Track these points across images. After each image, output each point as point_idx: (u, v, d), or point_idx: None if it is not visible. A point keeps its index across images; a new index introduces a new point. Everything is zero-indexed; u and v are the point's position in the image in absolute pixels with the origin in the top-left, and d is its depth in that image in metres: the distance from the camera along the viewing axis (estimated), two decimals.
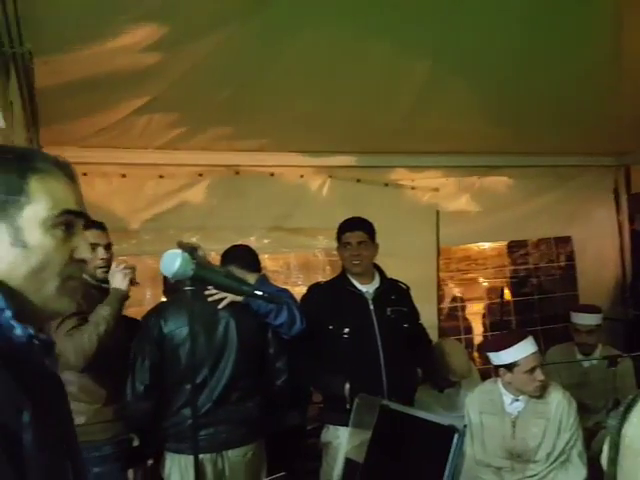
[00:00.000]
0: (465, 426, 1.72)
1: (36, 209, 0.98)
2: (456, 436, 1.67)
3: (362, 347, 3.02)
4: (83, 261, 1.04)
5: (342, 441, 2.97)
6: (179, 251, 1.14)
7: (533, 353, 2.81)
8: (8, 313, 0.92)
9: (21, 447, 0.85)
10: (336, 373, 2.97)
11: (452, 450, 1.65)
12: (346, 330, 3.03)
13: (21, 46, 2.30)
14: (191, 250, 1.17)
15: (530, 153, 4.61)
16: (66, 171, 1.04)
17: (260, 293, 1.31)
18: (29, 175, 0.99)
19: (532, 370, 2.78)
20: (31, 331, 0.93)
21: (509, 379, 2.85)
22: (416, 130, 3.81)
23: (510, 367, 2.81)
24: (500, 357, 2.85)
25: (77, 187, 1.06)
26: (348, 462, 2.23)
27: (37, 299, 0.99)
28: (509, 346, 2.82)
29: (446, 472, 1.63)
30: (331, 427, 3.08)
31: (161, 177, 4.01)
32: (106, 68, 2.72)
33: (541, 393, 2.87)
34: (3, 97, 2.41)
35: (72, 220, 1.02)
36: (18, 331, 0.92)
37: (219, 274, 1.26)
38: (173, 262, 1.13)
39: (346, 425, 2.86)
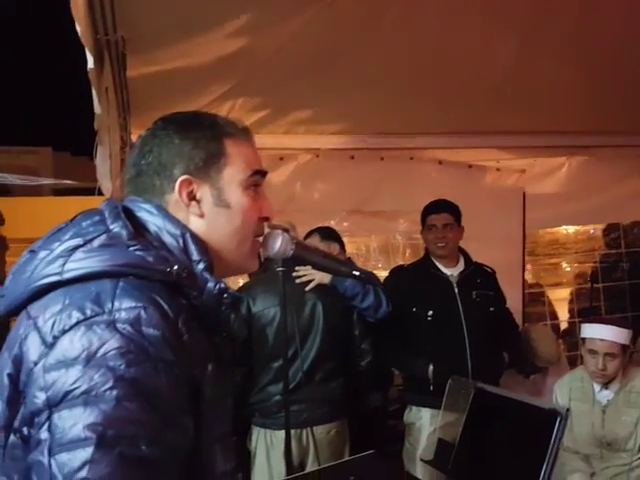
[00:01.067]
0: (568, 410, 1.67)
1: (234, 170, 1.03)
2: (558, 420, 1.63)
3: (446, 330, 2.98)
4: (267, 219, 1.08)
5: (425, 422, 2.98)
6: (279, 231, 1.15)
7: (602, 339, 2.73)
8: (202, 265, 0.96)
9: (200, 399, 0.88)
10: (420, 355, 2.96)
11: (554, 434, 1.60)
12: (430, 312, 2.99)
13: (115, 33, 2.39)
14: (286, 230, 1.18)
15: (623, 132, 4.36)
16: (248, 134, 1.09)
17: (358, 273, 1.31)
18: (224, 139, 1.04)
19: (593, 353, 2.75)
20: (223, 285, 0.96)
21: (582, 352, 2.87)
22: (502, 109, 3.68)
23: (583, 341, 2.85)
24: (582, 328, 2.92)
25: (256, 149, 1.10)
26: (440, 442, 2.23)
27: (233, 257, 1.04)
28: (592, 323, 2.88)
29: (547, 456, 1.60)
30: (414, 408, 3.07)
31: None
32: (193, 55, 2.78)
33: (603, 381, 2.79)
34: (98, 83, 2.51)
35: (259, 180, 1.07)
36: (211, 284, 0.95)
37: (318, 254, 1.26)
38: (275, 241, 1.15)
39: (429, 406, 2.90)
